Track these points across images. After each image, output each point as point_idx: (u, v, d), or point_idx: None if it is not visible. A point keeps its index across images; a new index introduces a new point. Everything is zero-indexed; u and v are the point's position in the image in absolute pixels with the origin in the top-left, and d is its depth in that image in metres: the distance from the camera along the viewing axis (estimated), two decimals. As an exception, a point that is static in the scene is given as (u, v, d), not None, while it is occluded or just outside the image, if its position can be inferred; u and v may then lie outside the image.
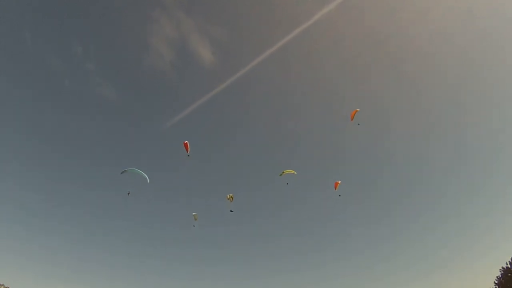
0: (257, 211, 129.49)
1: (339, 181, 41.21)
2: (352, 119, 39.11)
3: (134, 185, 33.18)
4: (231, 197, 37.57)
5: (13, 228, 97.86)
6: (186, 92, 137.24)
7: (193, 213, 42.40)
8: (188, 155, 35.97)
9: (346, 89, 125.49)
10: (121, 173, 31.26)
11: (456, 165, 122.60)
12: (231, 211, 37.92)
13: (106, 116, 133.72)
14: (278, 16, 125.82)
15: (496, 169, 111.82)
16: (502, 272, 47.62)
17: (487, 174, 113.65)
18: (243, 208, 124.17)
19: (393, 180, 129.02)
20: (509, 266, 46.94)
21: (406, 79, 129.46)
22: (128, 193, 32.75)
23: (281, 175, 37.62)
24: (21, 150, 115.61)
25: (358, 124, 39.90)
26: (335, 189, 40.69)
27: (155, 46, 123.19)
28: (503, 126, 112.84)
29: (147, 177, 31.87)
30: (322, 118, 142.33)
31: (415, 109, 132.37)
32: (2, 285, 59.47)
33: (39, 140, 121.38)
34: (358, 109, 39.12)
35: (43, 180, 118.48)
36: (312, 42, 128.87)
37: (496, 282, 48.18)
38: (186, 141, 35.63)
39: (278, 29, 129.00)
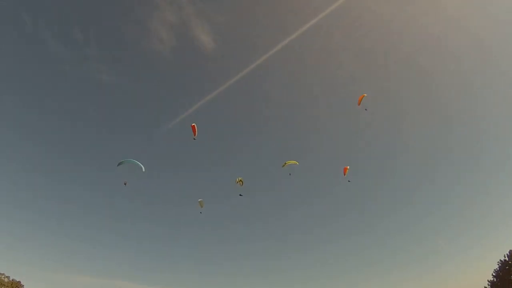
0: (262, 208, 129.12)
1: (348, 167, 40.64)
2: (359, 104, 38.71)
3: (130, 176, 32.98)
4: (240, 180, 37.03)
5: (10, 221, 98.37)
6: (187, 81, 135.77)
7: (199, 200, 41.79)
8: (194, 139, 35.60)
9: (357, 83, 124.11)
10: (118, 165, 31.25)
11: (462, 165, 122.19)
12: (240, 195, 37.32)
13: (106, 102, 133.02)
14: (288, 7, 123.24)
15: (501, 168, 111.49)
16: (500, 264, 47.92)
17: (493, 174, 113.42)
18: (247, 206, 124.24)
19: (399, 179, 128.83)
20: (507, 259, 47.02)
21: (419, 72, 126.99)
22: (125, 184, 32.61)
23: (283, 166, 37.51)
24: (19, 135, 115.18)
25: (366, 109, 39.55)
26: (344, 174, 40.23)
27: (155, 32, 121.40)
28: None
29: (142, 166, 31.84)
30: (330, 114, 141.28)
31: (426, 105, 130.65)
32: (3, 274, 60.01)
33: (38, 126, 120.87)
34: (365, 94, 38.86)
35: (40, 165, 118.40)
36: (323, 35, 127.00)
37: (494, 274, 48.43)
38: (193, 124, 35.14)
39: (287, 21, 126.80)
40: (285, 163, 36.93)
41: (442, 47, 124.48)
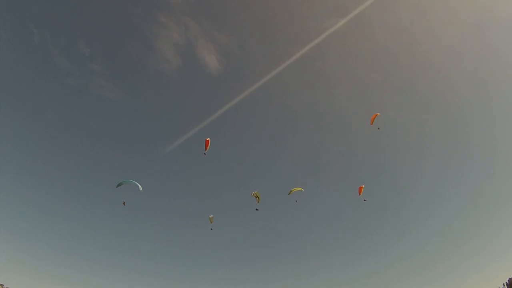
0: (272, 231, 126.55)
1: (363, 186, 39.71)
2: (372, 123, 38.46)
3: (128, 195, 33.82)
4: (256, 195, 36.26)
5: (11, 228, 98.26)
6: (191, 101, 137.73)
7: (210, 216, 41.96)
8: (205, 153, 35.55)
9: (353, 105, 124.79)
10: (117, 186, 32.09)
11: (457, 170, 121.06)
12: (256, 209, 36.34)
13: (109, 117, 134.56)
14: (289, 30, 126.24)
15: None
16: (507, 283, 47.23)
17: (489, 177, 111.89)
18: (255, 228, 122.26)
19: (392, 185, 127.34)
20: (506, 287, 46.52)
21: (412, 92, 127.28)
22: (124, 203, 33.50)
23: (289, 194, 37.47)
24: (22, 147, 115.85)
25: (378, 128, 39.24)
26: (359, 194, 39.35)
27: (161, 51, 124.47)
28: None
29: (139, 185, 32.48)
30: (325, 133, 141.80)
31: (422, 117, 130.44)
32: (2, 285, 60.41)
33: (38, 138, 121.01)
34: (378, 113, 38.54)
35: (41, 177, 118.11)
36: (323, 58, 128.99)
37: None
38: (208, 139, 35.31)
39: (287, 43, 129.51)
40: (291, 191, 36.88)
41: (434, 70, 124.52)
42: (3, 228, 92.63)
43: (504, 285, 47.99)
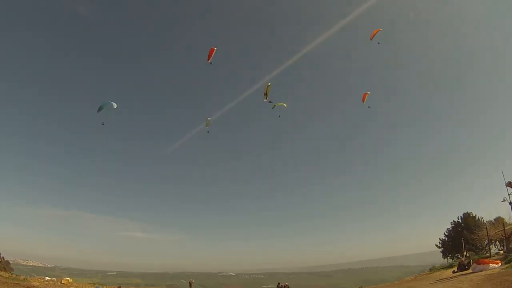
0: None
1: (368, 92, 42.00)
2: (363, 101, 41.09)
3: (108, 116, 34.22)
4: (266, 90, 36.87)
5: None
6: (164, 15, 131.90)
7: (208, 118, 42.73)
8: (211, 63, 34.42)
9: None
10: (98, 111, 32.56)
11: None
12: (270, 101, 37.68)
13: (82, 33, 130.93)
14: None
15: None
16: (453, 225, 52.34)
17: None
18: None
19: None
20: (460, 221, 51.48)
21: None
22: (103, 124, 33.90)
23: (273, 107, 39.90)
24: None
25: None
26: (363, 101, 41.53)
27: None
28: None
29: (114, 104, 33.14)
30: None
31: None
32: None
33: (17, 59, 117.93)
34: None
35: (13, 100, 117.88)
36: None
37: (446, 234, 53.18)
38: (214, 48, 33.55)
39: None
40: (275, 105, 38.92)
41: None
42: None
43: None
